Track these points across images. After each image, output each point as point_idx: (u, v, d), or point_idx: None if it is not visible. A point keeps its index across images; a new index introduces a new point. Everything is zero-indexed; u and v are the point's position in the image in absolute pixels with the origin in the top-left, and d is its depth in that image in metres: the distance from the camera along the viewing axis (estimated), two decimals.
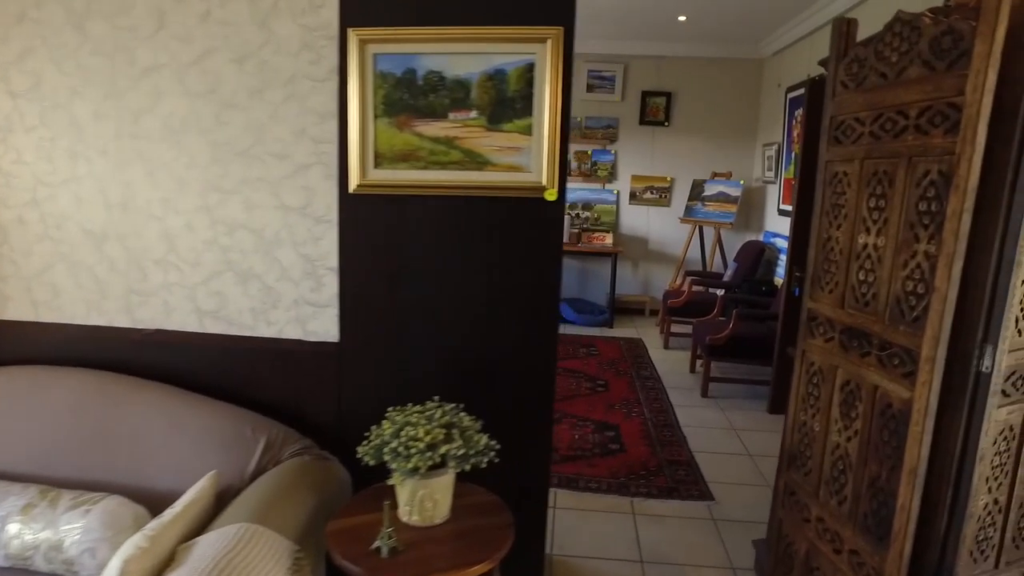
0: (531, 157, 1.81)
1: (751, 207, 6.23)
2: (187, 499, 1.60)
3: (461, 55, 1.77)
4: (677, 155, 6.40)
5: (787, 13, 4.95)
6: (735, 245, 6.10)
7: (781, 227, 5.30)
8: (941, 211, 1.49)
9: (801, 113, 4.21)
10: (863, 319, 1.75)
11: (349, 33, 1.79)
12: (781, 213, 5.48)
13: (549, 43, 1.73)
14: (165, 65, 1.89)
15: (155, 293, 2.03)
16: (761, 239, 5.91)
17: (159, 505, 1.64)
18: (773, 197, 5.78)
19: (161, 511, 1.56)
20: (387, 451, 1.52)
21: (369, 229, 1.91)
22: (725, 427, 3.86)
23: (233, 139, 1.91)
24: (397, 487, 1.58)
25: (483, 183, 1.84)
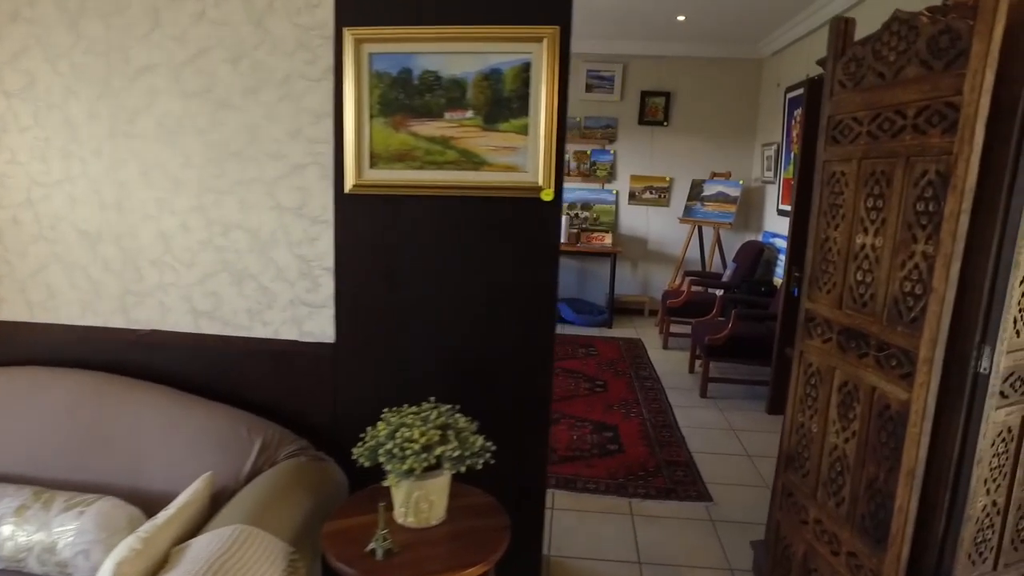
0: (527, 157, 1.80)
1: (750, 207, 6.22)
2: (182, 500, 1.59)
3: (457, 54, 1.77)
4: (676, 155, 6.39)
5: (786, 13, 4.95)
6: (734, 245, 6.09)
7: (780, 227, 5.29)
8: (939, 211, 1.48)
9: (800, 113, 4.20)
10: (861, 320, 1.74)
11: (344, 32, 1.78)
12: (780, 213, 5.47)
13: (545, 42, 1.72)
14: (160, 65, 1.88)
15: (150, 294, 2.02)
16: (760, 239, 5.90)
17: (154, 506, 1.63)
18: (772, 197, 5.77)
19: (156, 513, 1.56)
20: (382, 452, 1.51)
21: (365, 229, 1.90)
22: (724, 427, 3.85)
23: (228, 139, 1.90)
24: (393, 488, 1.57)
25: (479, 183, 1.83)
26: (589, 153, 6.48)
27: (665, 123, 6.34)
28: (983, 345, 1.50)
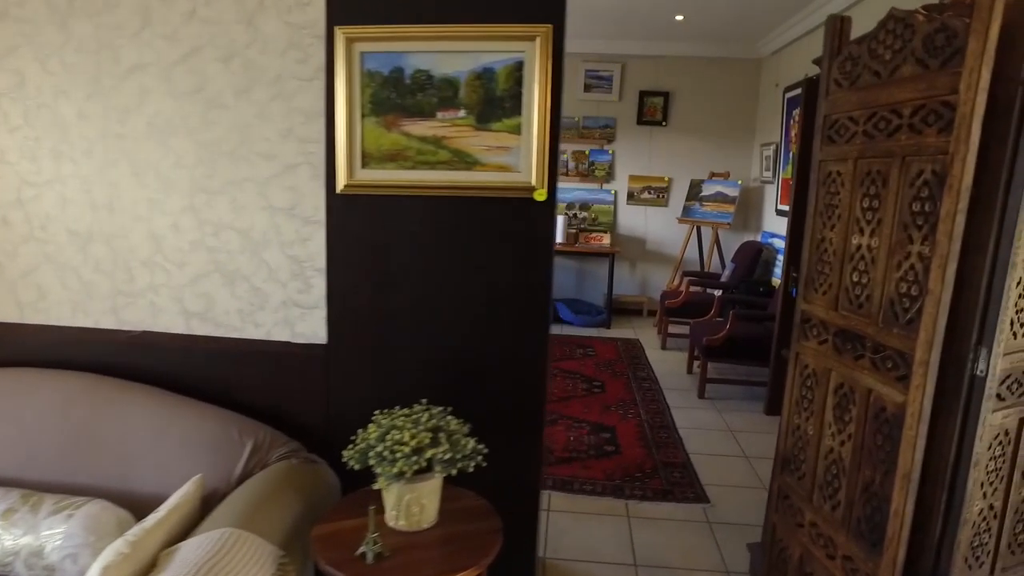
0: (520, 157, 1.79)
1: (749, 207, 6.20)
2: (172, 503, 1.58)
3: (449, 53, 1.75)
4: (675, 155, 6.38)
5: (785, 13, 4.93)
6: (733, 245, 6.07)
7: (779, 227, 5.28)
8: (935, 212, 1.46)
9: (799, 113, 4.18)
10: (857, 321, 1.73)
11: (336, 31, 1.76)
12: (779, 213, 5.46)
13: (538, 41, 1.71)
14: (150, 64, 1.87)
15: (141, 294, 2.01)
16: (759, 239, 5.89)
17: (144, 509, 1.61)
18: (771, 197, 5.76)
19: (146, 515, 1.54)
20: (372, 455, 1.50)
21: (357, 230, 1.89)
22: (722, 429, 3.84)
23: (219, 139, 1.89)
24: (384, 492, 1.56)
25: (472, 183, 1.81)
26: (587, 153, 6.46)
27: (664, 123, 6.32)
28: (980, 347, 1.48)
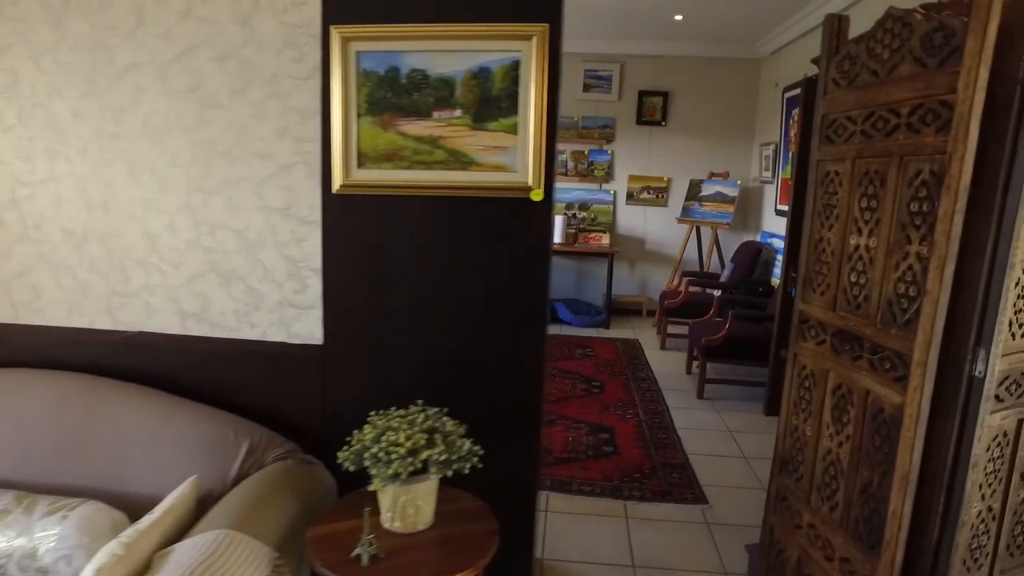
0: (517, 157, 1.78)
1: (748, 207, 6.20)
2: (166, 505, 1.57)
3: (445, 53, 1.74)
4: (674, 155, 6.37)
5: (784, 13, 4.92)
6: (732, 245, 6.06)
7: (778, 227, 5.27)
8: (933, 212, 1.45)
9: (798, 113, 4.18)
10: (854, 322, 1.72)
11: (332, 31, 1.75)
12: (778, 213, 5.45)
13: (535, 40, 1.70)
14: (145, 63, 1.86)
15: (137, 295, 2.00)
16: (758, 239, 5.88)
17: (139, 511, 1.61)
18: (770, 197, 5.75)
19: (141, 517, 1.53)
20: (367, 457, 1.49)
21: (353, 230, 1.88)
22: (720, 429, 3.83)
23: (215, 138, 1.88)
24: (379, 493, 1.55)
25: (468, 183, 1.80)
26: (587, 153, 6.45)
27: (663, 123, 6.31)
28: (978, 348, 1.48)
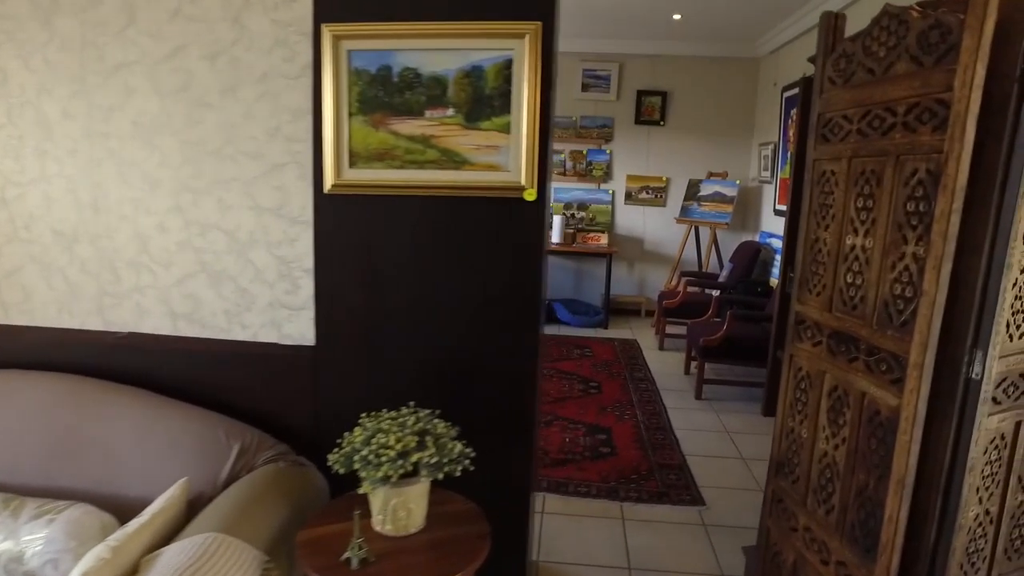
0: (510, 156, 1.76)
1: (747, 207, 6.18)
2: (156, 507, 1.55)
3: (437, 51, 1.72)
4: (673, 155, 6.35)
5: (782, 12, 4.90)
6: (731, 245, 6.04)
7: (777, 227, 5.25)
8: (929, 211, 1.44)
9: (796, 112, 4.16)
10: (851, 323, 1.70)
11: (323, 29, 1.74)
12: (777, 213, 5.43)
13: (527, 39, 1.68)
14: (135, 62, 1.84)
15: (127, 295, 1.98)
16: (757, 239, 5.86)
17: (129, 513, 1.59)
18: (769, 197, 5.73)
19: (131, 519, 1.52)
20: (357, 459, 1.47)
21: (345, 230, 1.86)
22: (718, 430, 3.81)
23: (205, 138, 1.86)
24: (370, 496, 1.53)
25: (461, 183, 1.79)
26: (585, 153, 6.44)
27: (661, 123, 6.29)
28: (975, 349, 1.46)
